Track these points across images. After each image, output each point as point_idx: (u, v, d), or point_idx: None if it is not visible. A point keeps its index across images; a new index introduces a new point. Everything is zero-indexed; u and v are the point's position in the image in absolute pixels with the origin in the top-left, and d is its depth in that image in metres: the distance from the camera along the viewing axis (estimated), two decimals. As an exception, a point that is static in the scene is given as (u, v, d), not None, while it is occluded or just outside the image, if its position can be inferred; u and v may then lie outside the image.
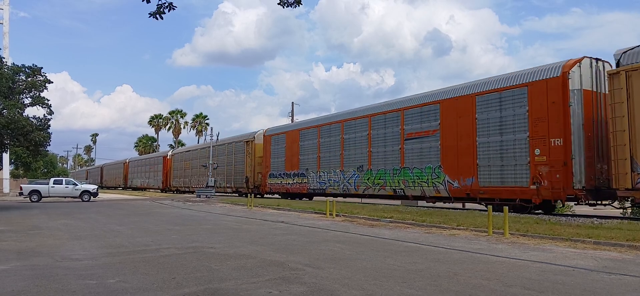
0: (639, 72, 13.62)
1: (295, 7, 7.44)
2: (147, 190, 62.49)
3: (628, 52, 14.12)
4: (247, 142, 37.28)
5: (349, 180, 25.35)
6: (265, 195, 35.16)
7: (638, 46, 13.98)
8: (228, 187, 40.38)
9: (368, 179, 24.04)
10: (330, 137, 27.22)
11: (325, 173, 27.46)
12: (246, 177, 36.77)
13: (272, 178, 32.97)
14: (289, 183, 31.03)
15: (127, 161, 73.92)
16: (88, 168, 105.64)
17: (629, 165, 13.64)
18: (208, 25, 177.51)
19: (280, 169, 32.16)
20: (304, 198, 31.01)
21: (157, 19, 6.79)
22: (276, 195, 33.76)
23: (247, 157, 37.09)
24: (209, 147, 42.61)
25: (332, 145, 26.92)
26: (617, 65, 14.34)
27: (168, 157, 57.12)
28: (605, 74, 15.53)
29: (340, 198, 26.75)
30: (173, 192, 53.33)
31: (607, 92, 15.09)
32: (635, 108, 13.57)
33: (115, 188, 76.37)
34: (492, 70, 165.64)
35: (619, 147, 13.89)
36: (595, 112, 15.96)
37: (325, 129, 27.93)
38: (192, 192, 44.56)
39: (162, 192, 55.25)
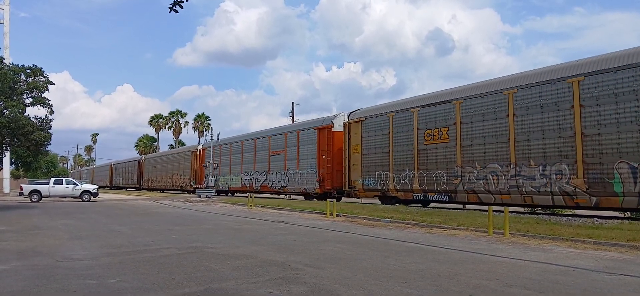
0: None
1: None
2: (284, 195, 32.65)
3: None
4: None
5: None
6: None
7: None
8: None
9: None
10: None
11: None
12: None
13: None
14: None
15: (200, 148, 47.03)
16: (113, 163, 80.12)
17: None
18: (209, 24, 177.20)
19: None
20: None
21: (176, 11, 6.69)
22: None
23: None
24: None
25: None
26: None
27: (333, 129, 27.05)
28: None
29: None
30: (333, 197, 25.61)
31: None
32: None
33: (163, 190, 52.64)
34: (495, 70, 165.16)
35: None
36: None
37: None
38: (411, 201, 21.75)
39: (318, 199, 27.42)
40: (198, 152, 46.65)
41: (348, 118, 26.18)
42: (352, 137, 25.08)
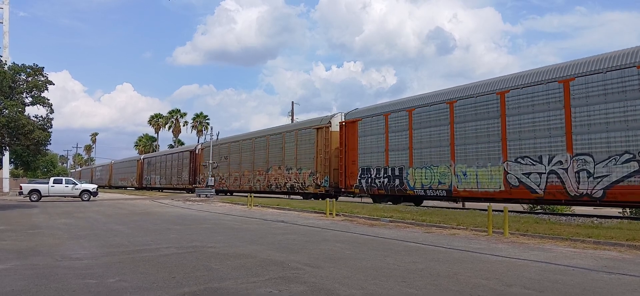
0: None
1: None
2: None
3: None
4: None
5: None
6: None
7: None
8: None
9: None
10: None
11: None
12: None
13: None
14: None
15: (342, 120, 26.35)
16: (144, 157, 63.24)
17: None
18: (210, 23, 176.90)
19: None
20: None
21: None
22: None
23: None
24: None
25: None
26: None
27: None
28: None
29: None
30: None
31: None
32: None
33: (250, 193, 29.02)
34: (495, 69, 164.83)
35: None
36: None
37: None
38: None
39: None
40: (331, 127, 26.63)
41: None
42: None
